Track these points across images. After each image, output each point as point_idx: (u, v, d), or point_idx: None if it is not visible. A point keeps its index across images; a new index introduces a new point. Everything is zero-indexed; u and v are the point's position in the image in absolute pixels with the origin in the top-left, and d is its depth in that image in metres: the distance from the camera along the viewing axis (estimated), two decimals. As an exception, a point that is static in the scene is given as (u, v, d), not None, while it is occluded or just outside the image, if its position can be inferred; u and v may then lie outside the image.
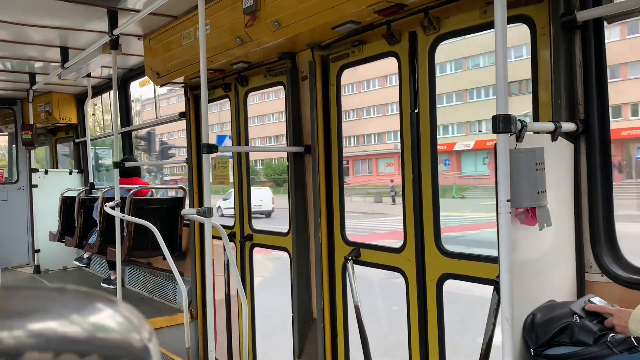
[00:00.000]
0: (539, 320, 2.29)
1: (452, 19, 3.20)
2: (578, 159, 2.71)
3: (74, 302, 0.43)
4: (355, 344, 3.97)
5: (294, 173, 4.37)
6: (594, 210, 2.69)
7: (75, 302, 0.43)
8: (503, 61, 2.19)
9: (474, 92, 41.49)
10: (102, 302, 0.44)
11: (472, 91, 41.32)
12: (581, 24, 2.64)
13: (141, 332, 0.44)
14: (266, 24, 3.74)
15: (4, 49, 6.22)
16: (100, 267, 8.14)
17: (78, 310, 0.42)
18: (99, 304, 0.43)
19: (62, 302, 0.42)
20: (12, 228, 8.89)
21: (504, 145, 2.17)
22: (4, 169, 10.17)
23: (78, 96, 8.77)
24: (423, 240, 3.46)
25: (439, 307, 3.41)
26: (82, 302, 0.43)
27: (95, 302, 0.43)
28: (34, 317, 0.39)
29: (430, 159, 3.40)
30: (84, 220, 7.06)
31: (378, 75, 44.81)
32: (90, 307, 0.43)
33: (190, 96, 5.65)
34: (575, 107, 2.70)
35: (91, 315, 0.42)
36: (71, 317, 0.41)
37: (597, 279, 2.66)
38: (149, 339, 0.45)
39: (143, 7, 4.67)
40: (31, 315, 0.39)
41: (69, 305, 0.42)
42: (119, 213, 5.35)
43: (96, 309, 0.43)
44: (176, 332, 5.73)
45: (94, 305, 0.43)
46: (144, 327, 0.45)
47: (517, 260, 2.26)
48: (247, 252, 5.13)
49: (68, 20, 5.23)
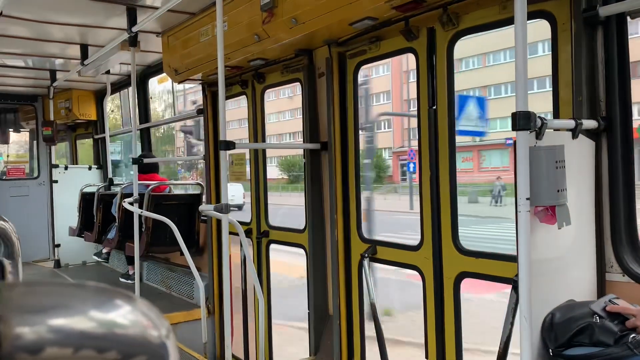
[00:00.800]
0: (558, 320, 2.26)
1: (471, 14, 3.16)
2: (599, 157, 2.66)
3: (93, 298, 0.43)
4: (371, 342, 3.97)
5: (310, 170, 4.37)
6: (615, 209, 2.64)
7: (95, 298, 0.43)
8: (523, 58, 2.16)
9: (491, 89, 39.71)
10: (121, 299, 0.44)
11: (490, 88, 39.59)
12: (603, 19, 2.59)
13: (159, 328, 0.44)
14: (283, 20, 3.74)
15: (26, 47, 6.31)
16: (119, 262, 8.24)
17: (97, 306, 0.42)
18: (117, 301, 0.44)
19: (81, 298, 0.43)
20: (33, 223, 9.03)
21: (524, 142, 2.14)
22: (25, 164, 10.34)
23: (97, 93, 8.88)
24: (440, 238, 3.44)
25: (456, 306, 3.39)
26: (101, 298, 0.44)
27: (114, 298, 0.44)
28: (53, 312, 0.39)
29: (449, 157, 3.37)
30: (103, 215, 7.14)
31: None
32: (109, 303, 0.43)
33: (208, 93, 5.67)
34: (596, 104, 2.65)
35: (110, 311, 0.42)
36: (90, 313, 0.41)
37: (618, 278, 2.62)
38: (166, 335, 0.45)
39: (162, 4, 4.70)
40: (51, 311, 0.39)
41: (88, 301, 0.43)
42: (138, 209, 5.40)
43: (115, 305, 0.43)
44: (193, 328, 5.77)
45: (112, 301, 0.43)
46: (162, 323, 0.45)
47: (536, 259, 2.23)
48: (263, 249, 5.15)
49: (88, 17, 5.28)
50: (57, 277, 8.14)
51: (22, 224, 8.65)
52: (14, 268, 1.36)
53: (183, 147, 39.82)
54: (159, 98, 23.50)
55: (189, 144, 35.11)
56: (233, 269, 4.83)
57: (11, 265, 1.36)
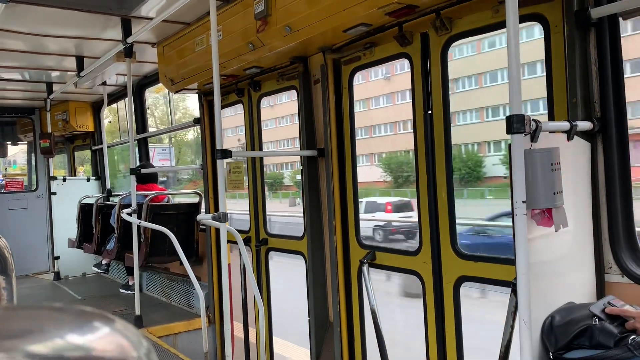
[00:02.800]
0: (557, 323, 2.25)
1: (464, 19, 3.17)
2: (595, 158, 2.66)
3: (71, 321, 0.43)
4: (373, 348, 3.95)
5: (307, 177, 4.36)
6: (612, 210, 2.64)
7: (72, 322, 0.43)
8: (516, 61, 2.17)
9: (487, 76, 37.83)
10: (99, 321, 0.44)
11: (486, 75, 37.58)
12: (595, 20, 2.60)
13: (139, 348, 0.44)
14: (277, 28, 3.75)
15: (22, 60, 6.32)
16: (119, 273, 8.22)
17: (74, 329, 0.42)
18: (96, 323, 0.43)
19: (59, 321, 0.42)
20: (32, 235, 9.02)
21: (519, 145, 2.14)
22: (24, 177, 10.34)
23: (94, 104, 8.89)
24: (439, 243, 3.44)
25: (456, 310, 3.38)
26: (79, 321, 0.43)
27: (93, 320, 0.43)
28: (29, 337, 0.39)
29: (445, 161, 3.37)
30: (102, 226, 7.14)
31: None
32: (87, 326, 0.43)
33: (205, 102, 5.68)
34: (591, 105, 2.65)
35: (87, 334, 0.42)
36: (67, 337, 0.40)
37: (617, 279, 2.61)
38: (146, 354, 0.45)
39: (156, 14, 4.72)
40: (27, 336, 0.39)
41: (65, 324, 0.42)
42: (136, 219, 5.40)
43: (93, 327, 0.43)
44: (194, 337, 5.76)
45: (90, 324, 0.43)
46: (141, 344, 0.45)
47: (534, 262, 2.23)
48: (262, 257, 5.14)
49: (83, 29, 5.30)
50: (57, 289, 8.12)
51: (21, 236, 8.66)
52: (8, 284, 1.35)
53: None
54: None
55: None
56: (233, 277, 4.81)
57: (5, 281, 1.35)
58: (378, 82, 38.64)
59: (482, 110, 36.36)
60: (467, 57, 36.36)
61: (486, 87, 35.79)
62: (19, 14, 4.71)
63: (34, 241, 9.00)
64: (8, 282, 1.32)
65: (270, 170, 43.16)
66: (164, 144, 16.28)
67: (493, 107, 35.10)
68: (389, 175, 37.63)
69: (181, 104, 31.59)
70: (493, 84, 34.67)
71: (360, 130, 43.85)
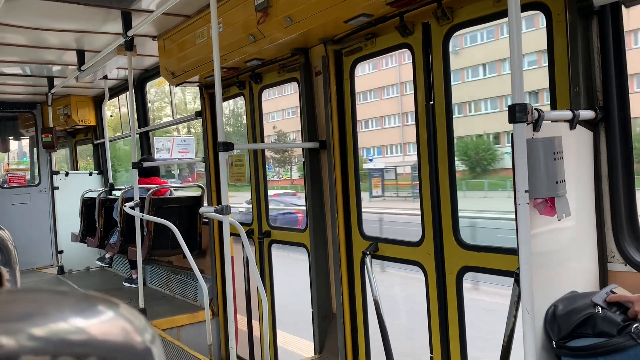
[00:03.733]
0: (560, 312, 2.25)
1: (465, 8, 3.15)
2: (598, 147, 2.65)
3: (74, 304, 0.43)
4: (376, 339, 3.96)
5: (309, 169, 4.36)
6: (615, 199, 2.63)
7: (76, 305, 0.43)
8: (518, 50, 2.16)
9: (506, 64, 37.04)
10: (103, 305, 0.44)
11: (505, 62, 36.28)
12: (598, 9, 2.58)
13: (143, 333, 0.44)
14: (278, 20, 3.73)
15: (23, 54, 6.31)
16: (122, 267, 8.25)
17: (77, 312, 0.42)
18: (99, 307, 0.43)
19: (61, 304, 0.42)
20: (36, 230, 9.05)
21: (521, 135, 2.14)
22: (26, 172, 10.35)
23: (95, 98, 8.88)
24: (442, 233, 3.44)
25: (459, 300, 3.38)
26: (82, 304, 0.43)
27: (96, 304, 0.43)
28: (32, 320, 0.39)
29: (447, 151, 3.37)
30: (105, 220, 7.15)
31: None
32: (90, 309, 0.43)
33: (206, 95, 5.67)
34: (593, 94, 2.64)
35: (91, 317, 0.42)
36: (70, 320, 0.40)
37: (620, 268, 2.61)
38: (151, 340, 0.44)
39: (156, 7, 4.70)
40: (29, 319, 0.39)
41: (68, 308, 0.42)
42: (139, 213, 5.40)
43: (96, 311, 0.43)
44: (198, 330, 5.79)
45: (94, 307, 0.43)
46: (146, 329, 0.45)
47: (537, 252, 2.23)
48: (265, 249, 5.14)
49: (83, 23, 5.28)
50: (61, 283, 8.15)
51: (25, 231, 8.68)
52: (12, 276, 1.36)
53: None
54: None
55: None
56: (236, 270, 4.82)
57: (9, 273, 1.35)
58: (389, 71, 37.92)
59: (500, 98, 35.97)
60: (485, 43, 35.65)
61: (506, 75, 35.41)
62: (19, 8, 4.70)
63: (37, 235, 9.03)
64: (12, 274, 1.32)
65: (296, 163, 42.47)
66: (183, 134, 16.01)
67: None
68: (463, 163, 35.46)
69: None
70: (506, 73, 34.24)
71: (371, 122, 43.26)
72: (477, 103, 37.53)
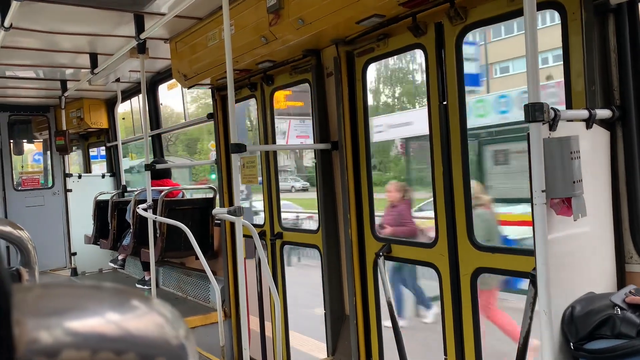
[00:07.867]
0: (578, 313, 2.22)
1: (478, 8, 3.13)
2: (615, 147, 2.62)
3: (110, 299, 0.43)
4: (389, 341, 3.95)
5: (321, 170, 4.36)
6: (633, 199, 2.60)
7: (112, 300, 0.43)
8: (533, 49, 2.14)
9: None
10: (138, 300, 0.43)
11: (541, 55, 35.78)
12: (614, 7, 2.56)
13: (178, 329, 0.44)
14: (290, 21, 3.73)
15: (37, 58, 6.37)
16: (135, 269, 8.29)
17: (114, 307, 0.41)
18: (134, 302, 0.43)
19: (98, 299, 0.42)
20: (49, 232, 9.12)
21: (537, 134, 2.12)
22: (40, 174, 10.45)
23: (108, 101, 8.95)
24: (455, 235, 3.41)
25: (473, 302, 3.36)
26: (118, 299, 0.43)
27: (132, 299, 0.43)
28: (70, 315, 0.39)
29: (461, 152, 3.34)
30: (118, 222, 7.20)
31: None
32: (127, 304, 0.43)
33: (218, 97, 5.69)
34: (610, 93, 2.61)
35: (128, 312, 0.42)
36: (107, 315, 0.40)
37: (638, 269, 2.58)
38: (185, 336, 0.44)
39: (168, 10, 4.72)
40: (68, 314, 0.39)
41: (105, 302, 0.42)
42: (152, 215, 5.43)
43: (132, 306, 0.42)
44: (211, 331, 5.79)
45: (130, 302, 0.43)
46: (180, 325, 0.45)
47: (553, 252, 2.20)
48: (277, 250, 5.14)
49: (96, 26, 5.32)
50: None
51: (39, 233, 8.76)
52: (31, 276, 1.37)
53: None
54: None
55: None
56: (248, 271, 4.82)
57: (28, 273, 1.36)
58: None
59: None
60: (516, 35, 35.30)
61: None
62: (32, 12, 4.74)
63: (51, 238, 9.10)
64: (31, 275, 1.33)
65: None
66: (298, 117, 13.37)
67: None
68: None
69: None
70: (544, 66, 33.93)
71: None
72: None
